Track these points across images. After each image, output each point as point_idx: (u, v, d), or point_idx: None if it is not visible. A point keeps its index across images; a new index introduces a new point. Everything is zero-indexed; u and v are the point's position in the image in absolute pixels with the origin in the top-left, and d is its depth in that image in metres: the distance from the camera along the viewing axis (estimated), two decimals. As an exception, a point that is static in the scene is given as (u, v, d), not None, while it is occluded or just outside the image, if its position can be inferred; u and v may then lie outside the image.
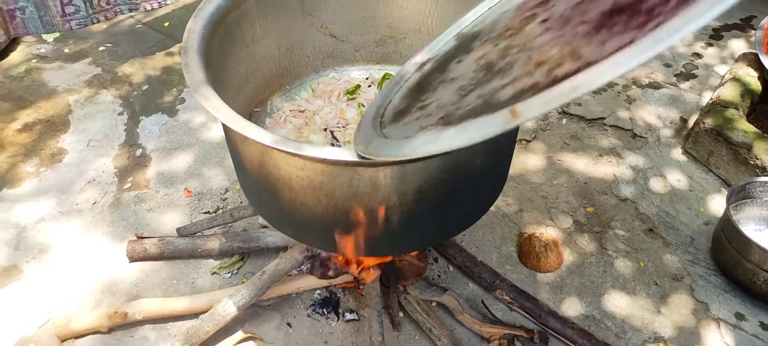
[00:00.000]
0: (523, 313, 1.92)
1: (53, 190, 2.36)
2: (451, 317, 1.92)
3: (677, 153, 2.58)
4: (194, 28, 1.42)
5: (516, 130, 1.51)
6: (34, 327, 1.90)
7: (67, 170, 2.45)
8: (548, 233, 2.20)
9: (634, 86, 2.95)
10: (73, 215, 2.26)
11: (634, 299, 2.02)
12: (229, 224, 2.19)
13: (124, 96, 2.84)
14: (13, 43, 3.10)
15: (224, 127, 1.37)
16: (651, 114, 2.78)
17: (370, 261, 1.83)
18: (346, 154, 1.11)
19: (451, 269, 2.09)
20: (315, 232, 1.42)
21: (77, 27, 2.71)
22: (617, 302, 2.01)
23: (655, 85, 2.96)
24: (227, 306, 1.81)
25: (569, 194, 2.39)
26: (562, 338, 1.86)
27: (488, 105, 0.97)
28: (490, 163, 1.39)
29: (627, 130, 2.69)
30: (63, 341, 1.86)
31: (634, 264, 2.14)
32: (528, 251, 2.11)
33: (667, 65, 3.09)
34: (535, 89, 0.89)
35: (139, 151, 2.55)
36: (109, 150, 2.54)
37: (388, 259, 1.88)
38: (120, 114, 2.74)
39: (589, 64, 0.82)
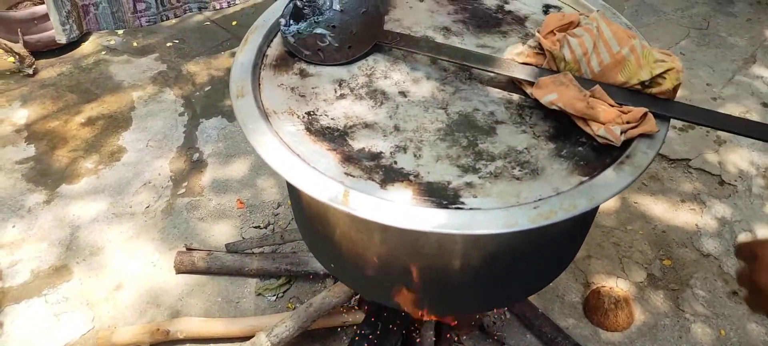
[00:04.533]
0: (585, 376, 1.75)
1: (109, 189, 2.35)
2: (505, 372, 1.77)
3: (771, 207, 2.33)
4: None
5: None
6: (78, 333, 1.89)
7: (124, 170, 2.44)
8: (619, 287, 2.01)
9: (725, 125, 2.68)
10: (125, 217, 2.25)
11: (713, 373, 1.81)
12: (279, 245, 2.12)
13: (186, 96, 2.82)
14: (86, 33, 3.14)
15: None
16: (743, 159, 2.51)
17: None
18: (422, 223, 0.97)
19: (509, 315, 1.94)
20: (371, 284, 1.32)
21: (147, 24, 2.70)
22: (693, 375, 1.81)
23: (748, 126, 2.68)
24: (270, 337, 1.73)
25: (644, 242, 2.18)
26: (628, 412, 1.68)
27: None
28: (563, 238, 1.24)
29: (714, 175, 2.44)
30: (105, 351, 1.84)
31: (714, 332, 1.92)
32: (595, 306, 1.93)
33: (765, 104, 2.80)
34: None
35: (196, 156, 2.51)
36: (167, 152, 2.52)
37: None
38: (181, 115, 2.72)
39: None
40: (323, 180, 1.01)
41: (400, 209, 0.97)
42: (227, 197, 2.34)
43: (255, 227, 2.22)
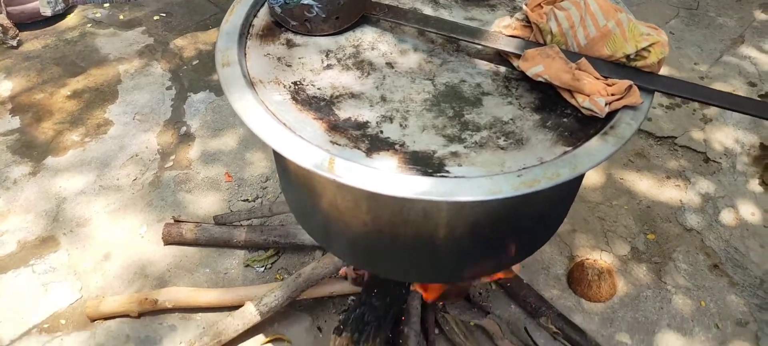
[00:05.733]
0: (567, 345, 1.79)
1: (96, 162, 2.34)
2: (490, 342, 1.80)
3: (754, 183, 2.36)
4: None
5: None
6: (66, 303, 1.89)
7: (111, 143, 2.42)
8: (603, 259, 2.04)
9: (711, 103, 2.70)
10: (112, 190, 2.24)
11: (691, 341, 1.85)
12: (267, 217, 2.13)
13: (173, 70, 2.80)
14: (71, 6, 3.10)
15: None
16: (728, 137, 2.54)
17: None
18: (403, 189, 0.98)
19: (494, 287, 1.97)
20: (358, 253, 1.33)
21: (136, -1, 2.68)
22: (672, 343, 1.84)
23: (734, 104, 2.70)
24: (259, 306, 1.74)
25: (629, 217, 2.22)
26: (609, 380, 1.72)
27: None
28: (549, 207, 1.25)
29: (699, 152, 2.47)
30: (92, 320, 1.84)
31: (695, 303, 1.96)
32: (579, 278, 1.96)
33: (752, 84, 2.82)
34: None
35: (183, 129, 2.50)
36: (154, 126, 2.51)
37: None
38: (168, 88, 2.70)
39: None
40: (309, 148, 1.02)
41: (385, 177, 0.97)
42: (215, 170, 2.33)
43: (243, 200, 2.23)
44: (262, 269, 2.02)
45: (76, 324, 1.84)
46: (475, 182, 0.98)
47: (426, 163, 1.02)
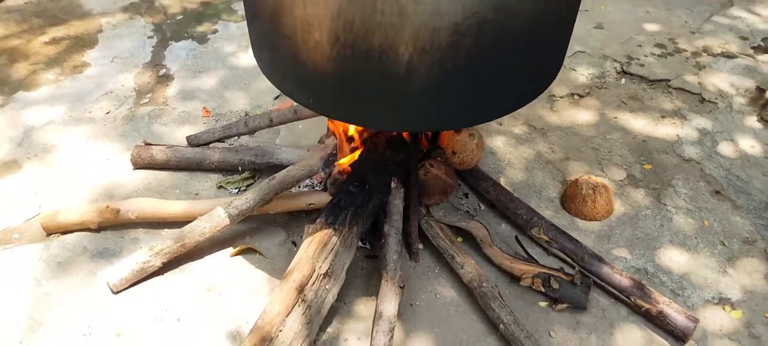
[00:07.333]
0: (562, 255, 1.65)
1: (69, 97, 2.25)
2: (477, 251, 1.66)
3: (752, 120, 2.27)
4: None
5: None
6: (21, 219, 1.76)
7: (86, 81, 2.34)
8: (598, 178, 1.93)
9: (705, 53, 2.64)
10: (84, 121, 2.14)
11: (696, 256, 1.72)
12: (243, 136, 2.01)
13: (157, 23, 2.75)
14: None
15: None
16: (723, 81, 2.47)
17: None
18: None
19: (483, 207, 1.84)
20: (326, 87, 1.20)
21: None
22: (676, 258, 1.71)
23: (728, 55, 2.64)
24: (228, 209, 1.61)
25: (624, 148, 2.11)
26: (609, 286, 1.58)
27: None
28: (544, 18, 1.14)
29: (694, 94, 2.39)
30: (49, 234, 1.71)
31: (697, 222, 1.83)
32: (573, 194, 1.84)
33: (743, 38, 2.77)
34: None
35: (162, 71, 2.42)
36: (132, 67, 2.43)
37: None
38: (150, 37, 2.63)
39: None
40: None
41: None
42: (192, 106, 2.24)
43: (220, 133, 2.12)
44: (236, 191, 1.89)
45: (30, 238, 1.71)
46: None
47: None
